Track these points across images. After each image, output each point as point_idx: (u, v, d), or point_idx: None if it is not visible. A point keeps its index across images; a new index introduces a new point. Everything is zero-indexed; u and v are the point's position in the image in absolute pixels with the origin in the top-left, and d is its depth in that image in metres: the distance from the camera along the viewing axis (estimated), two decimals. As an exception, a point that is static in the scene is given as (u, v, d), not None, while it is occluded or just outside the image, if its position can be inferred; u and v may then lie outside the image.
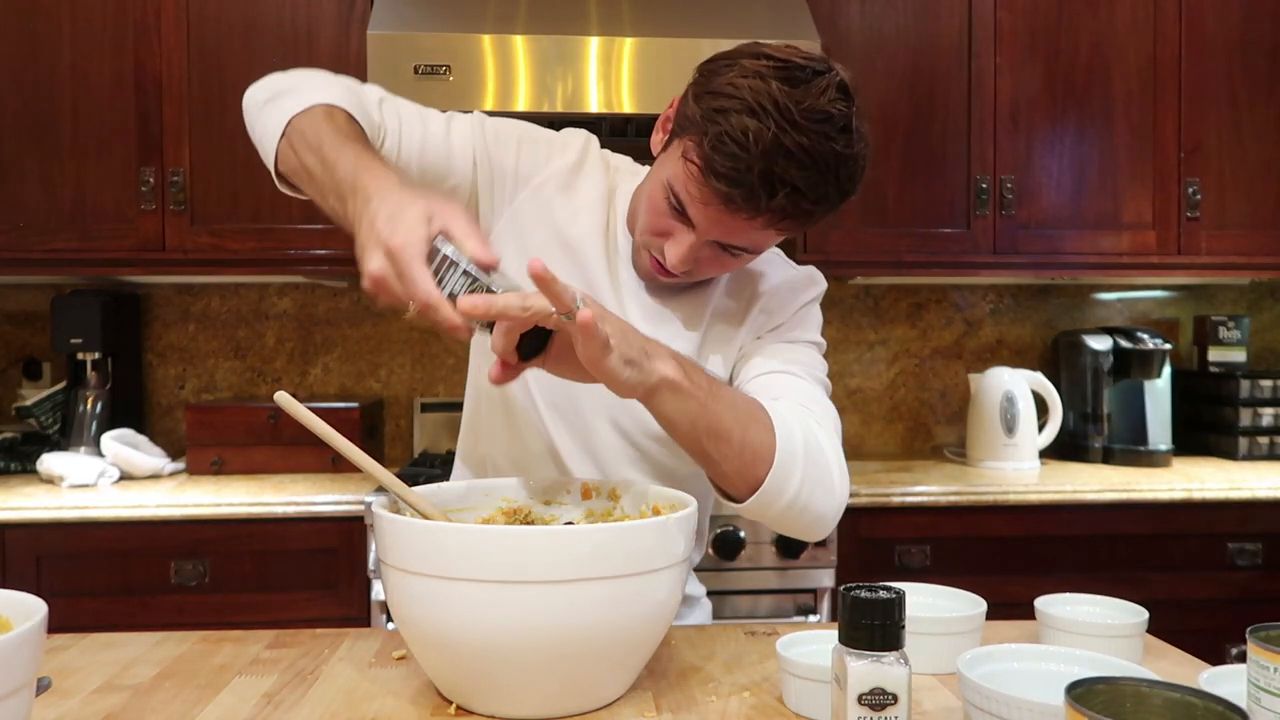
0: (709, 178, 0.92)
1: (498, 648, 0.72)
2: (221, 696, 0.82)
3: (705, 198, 0.94)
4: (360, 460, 0.86)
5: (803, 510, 0.94)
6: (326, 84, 1.00)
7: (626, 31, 2.06)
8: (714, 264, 1.03)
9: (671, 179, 0.97)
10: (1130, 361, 2.42)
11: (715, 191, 0.92)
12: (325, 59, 2.19)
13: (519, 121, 1.15)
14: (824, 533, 0.98)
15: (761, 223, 0.94)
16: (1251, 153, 2.37)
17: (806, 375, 1.05)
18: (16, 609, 0.63)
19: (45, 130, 2.16)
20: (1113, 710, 0.55)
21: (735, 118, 0.89)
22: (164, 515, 1.91)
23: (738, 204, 0.92)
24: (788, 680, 0.80)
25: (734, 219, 0.94)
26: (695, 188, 0.94)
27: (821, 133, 0.90)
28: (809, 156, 0.89)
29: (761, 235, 0.97)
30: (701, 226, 0.97)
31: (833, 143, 0.90)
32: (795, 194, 0.91)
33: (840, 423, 1.04)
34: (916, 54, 2.30)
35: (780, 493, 0.91)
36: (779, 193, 0.90)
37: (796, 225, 0.96)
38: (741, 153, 0.89)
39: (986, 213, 2.31)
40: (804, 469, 0.92)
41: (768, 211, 0.92)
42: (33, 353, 2.51)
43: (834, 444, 0.98)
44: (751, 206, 0.92)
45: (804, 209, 0.93)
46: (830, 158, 0.91)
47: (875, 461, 2.46)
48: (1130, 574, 2.08)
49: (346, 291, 2.55)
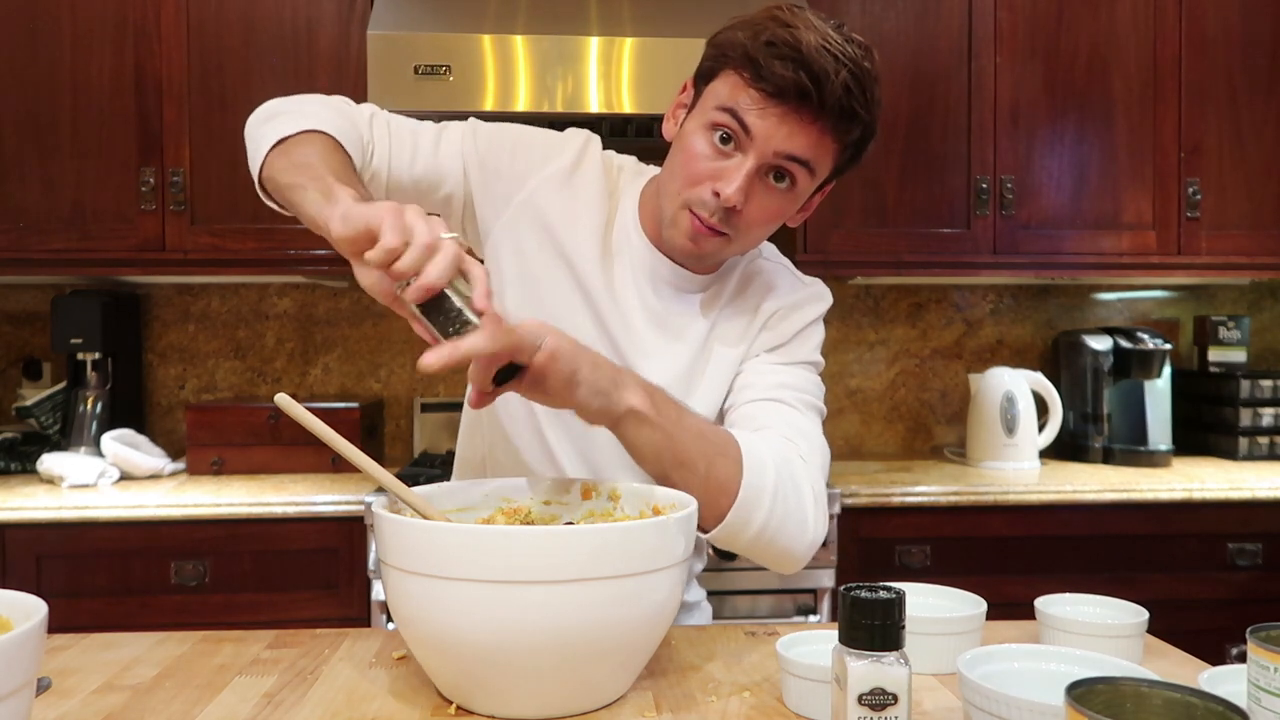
0: (769, 75, 0.93)
1: (498, 648, 0.72)
2: (222, 696, 0.82)
3: (766, 100, 0.95)
4: (360, 461, 0.86)
5: (769, 544, 0.95)
6: (320, 109, 1.00)
7: (626, 31, 2.06)
8: (765, 203, 1.00)
9: (720, 105, 0.97)
10: (1130, 361, 2.42)
11: (779, 85, 0.93)
12: (325, 59, 2.19)
13: (515, 125, 1.14)
14: (795, 567, 0.99)
15: (821, 125, 0.95)
16: (1251, 153, 2.37)
17: (799, 404, 1.05)
18: (16, 609, 0.63)
19: (45, 130, 2.16)
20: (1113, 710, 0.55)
21: (776, 29, 0.93)
22: (164, 515, 1.91)
23: (805, 88, 0.93)
24: (788, 680, 0.80)
25: (798, 115, 0.95)
26: (755, 94, 0.95)
27: (852, 44, 0.94)
28: (851, 61, 0.93)
29: (816, 141, 0.97)
30: (762, 135, 0.96)
31: (864, 61, 0.95)
32: (848, 90, 0.94)
33: (829, 453, 1.05)
34: (916, 54, 2.30)
35: (745, 525, 0.93)
36: (837, 76, 0.92)
37: (842, 139, 0.98)
38: (794, 49, 0.92)
39: (986, 213, 2.31)
40: (771, 504, 0.93)
41: (830, 103, 0.94)
42: (33, 353, 2.51)
43: (813, 479, 0.98)
44: (818, 89, 0.93)
45: (853, 110, 0.95)
46: (866, 69, 0.95)
47: (875, 461, 2.46)
48: (1130, 574, 2.08)
49: (346, 291, 2.55)
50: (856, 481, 2.09)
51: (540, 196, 1.10)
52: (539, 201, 1.10)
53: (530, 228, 1.09)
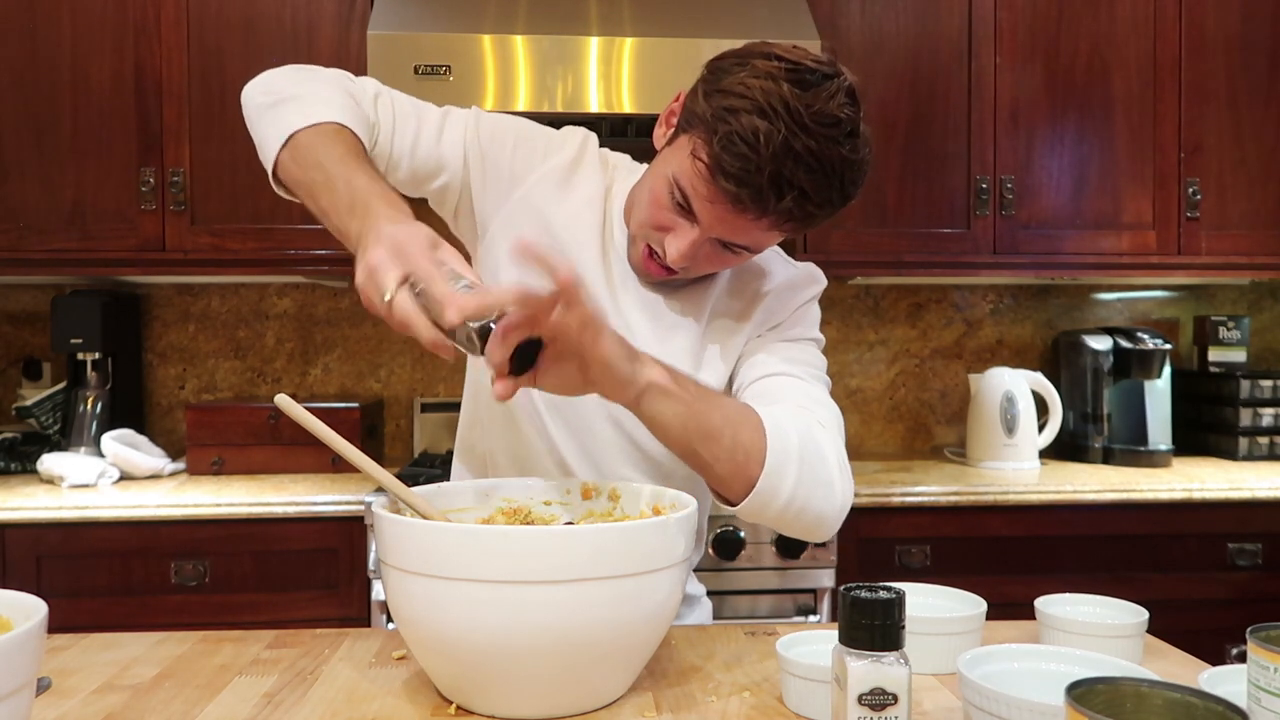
0: (717, 177, 0.92)
1: (498, 648, 0.72)
2: (221, 696, 0.82)
3: (712, 196, 0.94)
4: (360, 462, 0.86)
5: (801, 511, 0.93)
6: (328, 93, 0.99)
7: (626, 31, 2.06)
8: (713, 260, 1.03)
9: (677, 174, 0.97)
10: (1130, 361, 2.42)
11: (723, 191, 0.93)
12: (325, 59, 2.19)
13: (516, 118, 1.14)
14: (827, 534, 0.98)
15: (766, 224, 0.95)
16: (1251, 153, 2.37)
17: (808, 376, 1.05)
18: (16, 609, 0.63)
19: (45, 130, 2.16)
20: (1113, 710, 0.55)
21: (746, 118, 0.90)
22: (164, 515, 1.91)
23: (745, 204, 0.92)
24: (788, 680, 0.80)
25: (739, 218, 0.95)
26: (703, 185, 0.94)
27: (830, 137, 0.90)
28: (817, 160, 0.90)
29: (764, 235, 0.98)
30: (706, 223, 0.97)
31: (840, 147, 0.91)
32: (802, 197, 0.92)
33: (843, 421, 1.04)
34: (916, 54, 2.30)
35: (775, 493, 0.91)
36: (786, 195, 0.91)
37: (798, 227, 0.97)
38: (751, 154, 0.89)
39: (986, 213, 2.31)
40: (799, 469, 0.92)
41: (774, 214, 0.93)
42: (33, 353, 2.51)
43: (835, 444, 0.98)
44: (759, 207, 0.92)
45: (808, 211, 0.94)
46: (837, 162, 0.91)
47: (875, 461, 2.46)
48: (1130, 574, 2.08)
49: (346, 291, 2.55)
50: (857, 481, 2.05)
51: (539, 193, 1.10)
52: (538, 198, 1.10)
53: (529, 224, 1.10)
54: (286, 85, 1.00)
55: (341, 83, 1.04)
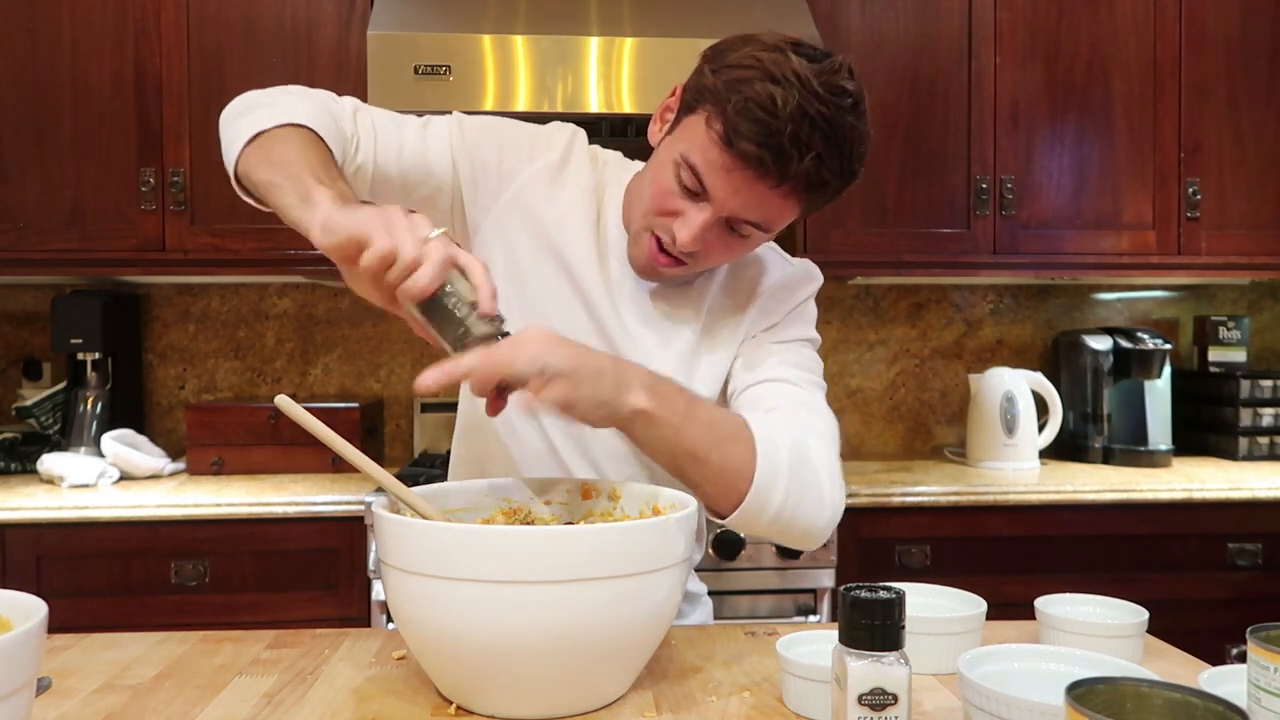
0: (735, 141, 0.92)
1: (498, 648, 0.72)
2: (221, 696, 0.82)
3: (728, 164, 0.93)
4: (360, 462, 0.86)
5: (789, 523, 0.94)
6: (299, 101, 0.99)
7: (626, 31, 2.06)
8: (719, 248, 1.01)
9: (687, 152, 0.96)
10: (1130, 361, 2.42)
11: (742, 155, 0.92)
12: (325, 59, 2.19)
13: (500, 119, 1.13)
14: (817, 543, 0.98)
15: (784, 190, 0.94)
16: (1251, 153, 2.37)
17: (803, 381, 1.05)
18: (16, 609, 0.63)
19: (45, 130, 2.16)
20: (1113, 710, 0.55)
21: (760, 84, 0.90)
22: (164, 515, 1.91)
23: (767, 166, 0.92)
24: (788, 680, 0.80)
25: (757, 186, 0.94)
26: (718, 154, 0.93)
27: (840, 105, 0.91)
28: (830, 126, 0.91)
29: (778, 208, 0.96)
30: (720, 197, 0.96)
31: (849, 115, 0.92)
32: (818, 161, 0.92)
33: (838, 426, 1.04)
34: (916, 54, 2.30)
35: (763, 508, 0.92)
36: (806, 156, 0.91)
37: (810, 201, 0.97)
38: (769, 117, 0.90)
39: (987, 213, 2.31)
40: (788, 484, 0.92)
41: (793, 178, 0.92)
42: (33, 353, 2.51)
43: (827, 453, 0.98)
44: (780, 168, 0.92)
45: (824, 178, 0.93)
46: (847, 130, 0.92)
47: (875, 461, 2.46)
48: (1130, 574, 2.08)
49: (346, 291, 2.55)
50: (856, 481, 2.08)
51: (529, 193, 1.10)
52: (528, 198, 1.09)
53: (520, 225, 1.09)
54: (261, 97, 1.00)
55: (318, 98, 1.02)
